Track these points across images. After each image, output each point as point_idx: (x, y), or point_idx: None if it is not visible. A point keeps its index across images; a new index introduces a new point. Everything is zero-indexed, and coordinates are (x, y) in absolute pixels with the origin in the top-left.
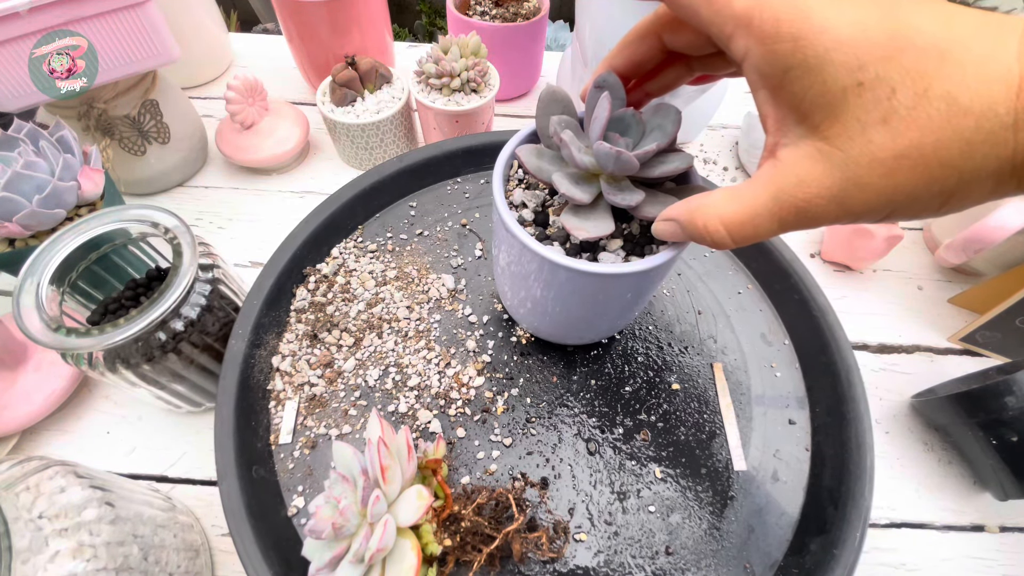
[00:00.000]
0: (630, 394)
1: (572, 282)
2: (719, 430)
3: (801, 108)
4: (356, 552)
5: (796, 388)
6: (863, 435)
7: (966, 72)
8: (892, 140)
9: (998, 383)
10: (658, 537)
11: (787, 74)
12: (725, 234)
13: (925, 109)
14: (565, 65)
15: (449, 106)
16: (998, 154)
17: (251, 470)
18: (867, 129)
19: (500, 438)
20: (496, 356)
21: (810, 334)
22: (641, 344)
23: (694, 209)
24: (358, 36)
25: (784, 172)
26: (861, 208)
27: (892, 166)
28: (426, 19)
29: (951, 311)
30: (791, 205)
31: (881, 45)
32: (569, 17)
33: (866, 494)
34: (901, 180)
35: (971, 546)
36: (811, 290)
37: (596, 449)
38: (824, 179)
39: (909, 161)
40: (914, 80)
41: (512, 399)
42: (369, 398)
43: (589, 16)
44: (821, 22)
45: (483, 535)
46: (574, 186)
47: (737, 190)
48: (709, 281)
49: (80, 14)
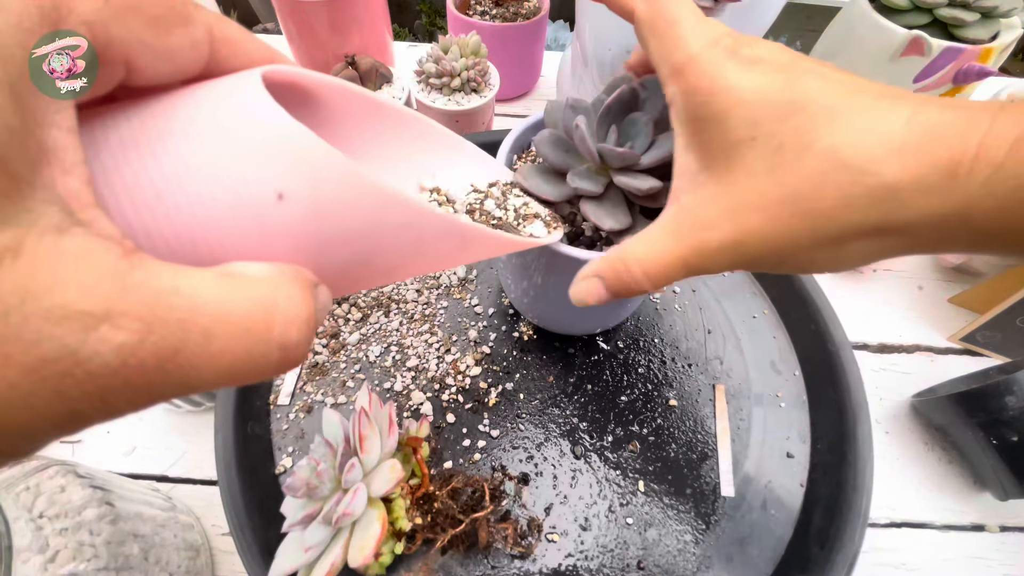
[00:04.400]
0: (625, 404)
1: (571, 268)
2: (711, 452)
3: (707, 156)
4: (326, 514)
5: (800, 421)
6: (863, 478)
7: (852, 132)
8: (776, 188)
9: (998, 383)
10: (632, 551)
11: (698, 123)
12: (642, 275)
13: (808, 161)
14: (565, 65)
15: (449, 106)
16: (879, 210)
17: (247, 425)
18: (755, 177)
19: (488, 429)
20: (496, 349)
21: (823, 368)
22: (644, 356)
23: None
24: (358, 36)
25: (684, 216)
26: (751, 254)
27: (775, 212)
28: (426, 19)
29: (951, 311)
30: (692, 247)
31: (777, 107)
32: (569, 17)
33: (856, 539)
34: (783, 228)
35: (971, 546)
36: (828, 323)
37: (582, 454)
38: (718, 222)
39: (791, 207)
40: (800, 137)
41: (506, 392)
42: (368, 372)
43: (589, 16)
44: (730, 83)
45: (452, 518)
46: (586, 180)
47: (647, 234)
48: (724, 301)
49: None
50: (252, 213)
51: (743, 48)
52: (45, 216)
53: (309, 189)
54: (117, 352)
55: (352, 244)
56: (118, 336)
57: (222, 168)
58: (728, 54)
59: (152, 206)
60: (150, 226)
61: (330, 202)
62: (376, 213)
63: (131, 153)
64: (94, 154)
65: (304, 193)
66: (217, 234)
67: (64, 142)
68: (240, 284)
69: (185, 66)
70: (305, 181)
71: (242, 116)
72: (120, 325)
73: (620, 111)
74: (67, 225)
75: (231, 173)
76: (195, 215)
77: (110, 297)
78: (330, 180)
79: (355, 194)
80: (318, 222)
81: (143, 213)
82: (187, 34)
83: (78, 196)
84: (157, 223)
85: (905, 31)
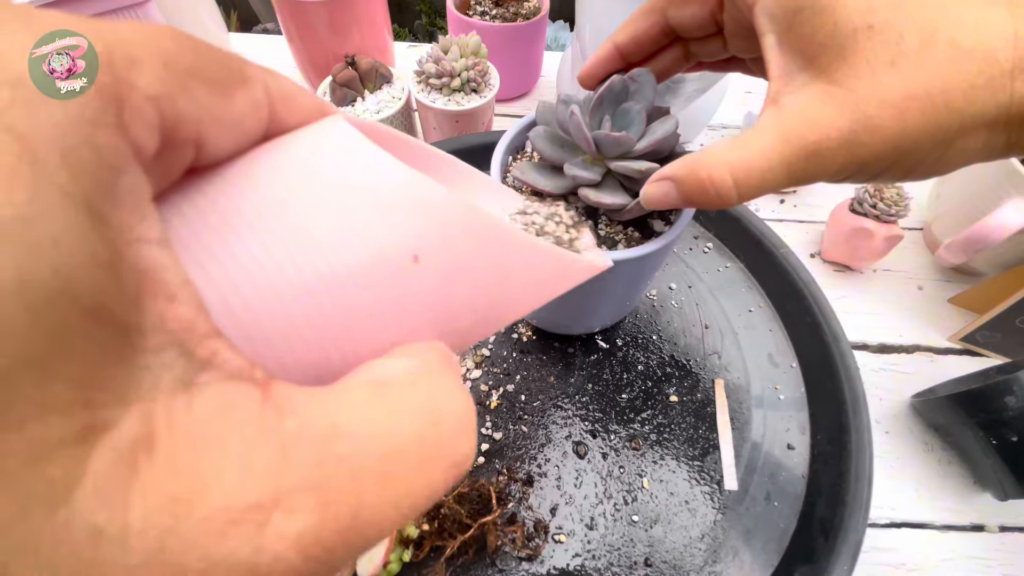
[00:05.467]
0: (626, 402)
1: None
2: (713, 447)
3: (809, 51)
4: None
5: (799, 413)
6: (863, 467)
7: (967, 22)
8: (901, 81)
9: (998, 383)
10: (639, 548)
11: (798, 15)
12: (731, 184)
13: (932, 52)
14: (565, 65)
15: (449, 106)
16: (997, 101)
17: None
18: (877, 70)
19: (490, 431)
20: (496, 351)
21: (819, 359)
22: (643, 353)
23: (694, 162)
24: (358, 36)
25: (792, 115)
26: (868, 154)
27: (902, 107)
28: (426, 19)
29: (951, 311)
30: (801, 148)
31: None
32: (569, 17)
33: (859, 528)
34: (909, 123)
35: (971, 546)
36: (825, 314)
37: (585, 453)
38: (835, 119)
39: (918, 103)
40: (920, 26)
41: (507, 394)
42: None
43: (589, 16)
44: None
45: (460, 523)
46: (583, 170)
47: (740, 139)
48: (720, 296)
49: (80, 14)
50: (388, 283)
51: None
52: (166, 370)
53: (444, 244)
54: (297, 545)
55: (483, 299)
56: (295, 523)
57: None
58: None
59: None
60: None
61: (466, 255)
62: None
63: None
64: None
65: (440, 250)
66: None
67: (161, 260)
68: (395, 398)
69: (251, 133)
70: (440, 237)
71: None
72: (294, 507)
73: (612, 102)
74: (192, 374)
75: (363, 238)
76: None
77: (273, 471)
78: (463, 231)
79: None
80: (454, 282)
81: (262, 318)
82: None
83: (193, 327)
84: (279, 327)
85: None
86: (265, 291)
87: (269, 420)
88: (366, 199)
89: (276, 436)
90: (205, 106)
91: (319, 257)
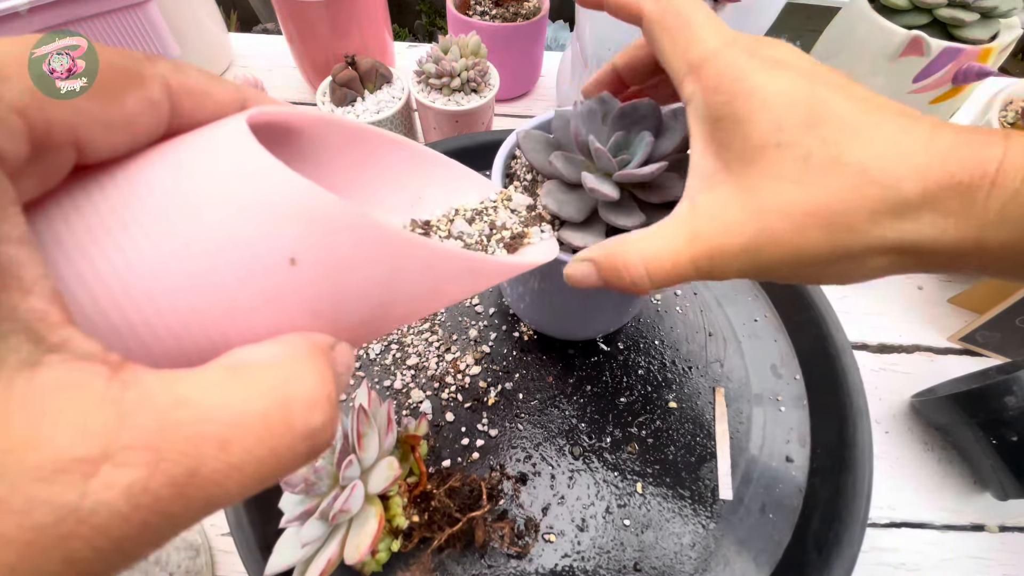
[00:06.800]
0: (624, 406)
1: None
2: (710, 455)
3: (726, 156)
4: (323, 511)
5: (800, 426)
6: (862, 484)
7: (877, 149)
8: (805, 198)
9: (998, 383)
10: (628, 552)
11: (718, 123)
12: (644, 274)
13: (837, 175)
14: (565, 65)
15: (449, 106)
16: (901, 229)
17: None
18: (782, 184)
19: (486, 428)
20: (496, 348)
21: (824, 372)
22: (644, 357)
23: (611, 251)
24: (358, 36)
25: (701, 216)
26: (768, 261)
27: (802, 222)
28: (426, 19)
29: (951, 311)
30: (705, 249)
31: (802, 114)
32: (569, 17)
33: (854, 544)
34: (809, 239)
35: (971, 546)
36: (831, 327)
37: (581, 454)
38: (740, 226)
39: (818, 220)
40: (828, 149)
41: (505, 392)
42: (367, 370)
43: (589, 16)
44: (753, 85)
45: (450, 516)
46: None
47: (656, 231)
48: (726, 304)
49: (80, 14)
50: (261, 285)
51: (762, 49)
52: (12, 352)
53: (324, 249)
54: (126, 494)
55: (371, 297)
56: (124, 475)
57: (223, 240)
58: (748, 54)
59: (138, 299)
60: (138, 325)
61: (348, 259)
62: (395, 262)
63: (105, 242)
64: (60, 254)
65: (319, 253)
66: (218, 316)
67: (18, 257)
68: (249, 377)
69: (145, 132)
70: (319, 241)
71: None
72: (124, 462)
73: (617, 117)
74: (38, 356)
75: (235, 244)
76: (192, 299)
77: (106, 432)
78: (345, 236)
79: (373, 246)
80: (335, 282)
81: (128, 310)
82: (142, 97)
83: (45, 317)
84: (146, 318)
85: (904, 31)
86: (133, 286)
87: (112, 392)
88: (245, 204)
89: (116, 404)
90: (84, 110)
91: (189, 258)
